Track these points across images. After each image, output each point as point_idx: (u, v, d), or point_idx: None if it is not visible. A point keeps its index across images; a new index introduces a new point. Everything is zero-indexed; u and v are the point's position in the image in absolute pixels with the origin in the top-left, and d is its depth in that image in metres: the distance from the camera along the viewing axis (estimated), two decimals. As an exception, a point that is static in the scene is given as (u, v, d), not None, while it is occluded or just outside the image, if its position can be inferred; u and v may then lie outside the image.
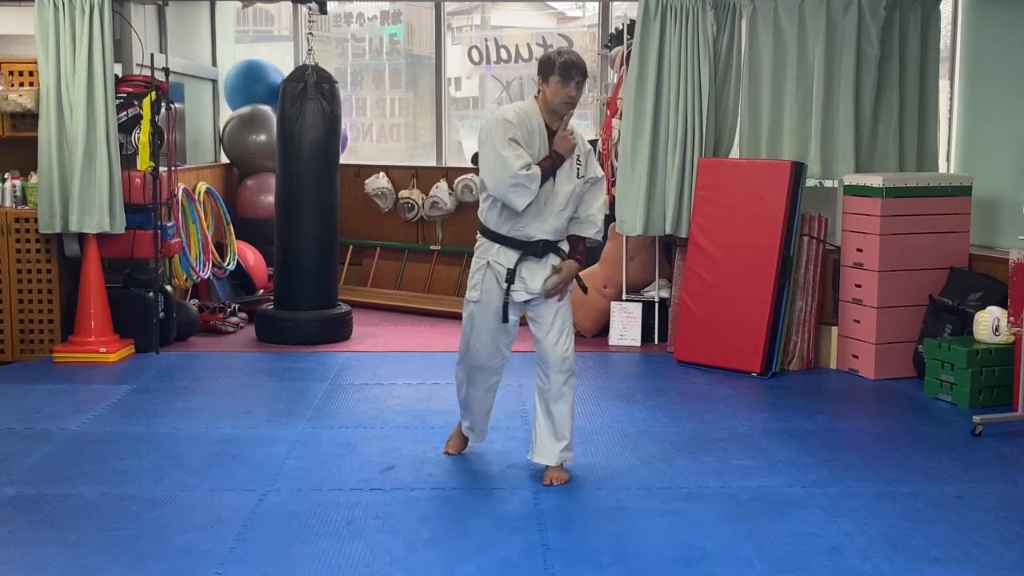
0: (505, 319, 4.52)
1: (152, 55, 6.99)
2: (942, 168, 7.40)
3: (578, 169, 4.50)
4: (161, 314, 7.06)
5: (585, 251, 4.69)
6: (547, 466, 4.63)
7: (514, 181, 4.32)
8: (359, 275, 9.33)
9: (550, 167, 4.42)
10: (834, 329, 6.83)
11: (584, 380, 6.48)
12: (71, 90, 6.75)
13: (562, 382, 4.57)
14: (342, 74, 10.37)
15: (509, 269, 4.48)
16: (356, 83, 10.82)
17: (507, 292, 4.48)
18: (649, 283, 7.60)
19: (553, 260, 4.53)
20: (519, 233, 4.47)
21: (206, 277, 7.82)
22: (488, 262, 4.52)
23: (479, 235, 4.60)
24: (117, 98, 6.89)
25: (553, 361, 4.54)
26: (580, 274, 4.67)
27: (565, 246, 4.59)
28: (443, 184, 9.06)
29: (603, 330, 7.59)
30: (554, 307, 4.54)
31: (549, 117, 4.47)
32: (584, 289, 4.74)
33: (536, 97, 4.50)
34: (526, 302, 4.55)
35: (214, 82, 9.48)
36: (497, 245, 4.51)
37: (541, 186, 4.38)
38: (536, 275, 4.51)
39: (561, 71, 4.37)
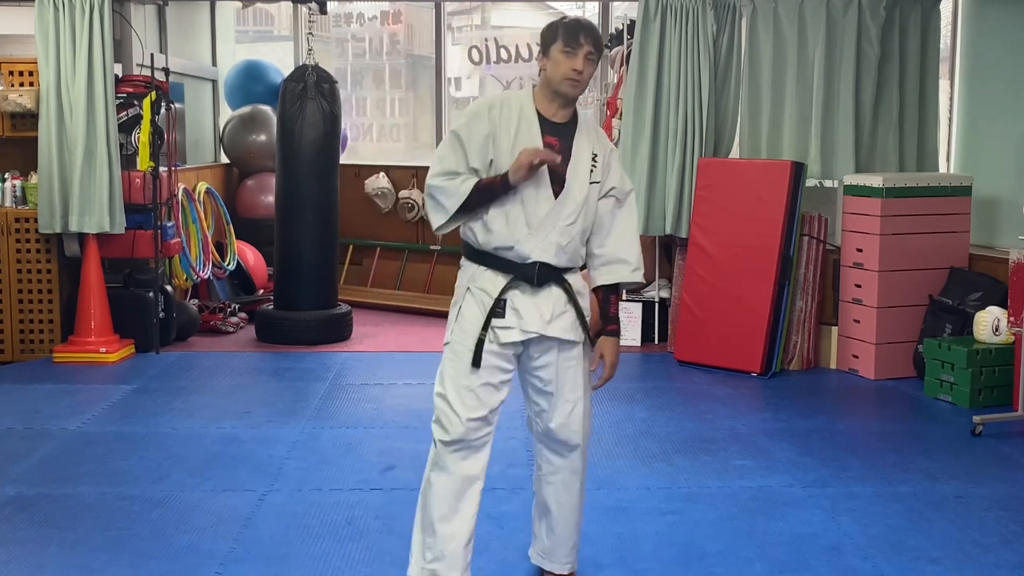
0: (476, 363, 3.30)
1: (152, 55, 6.99)
2: (942, 168, 7.40)
3: (592, 169, 3.34)
4: (161, 314, 7.05)
5: (618, 311, 3.50)
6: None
7: (428, 190, 3.35)
8: (359, 275, 9.33)
9: (489, 190, 3.27)
10: (834, 329, 6.83)
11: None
12: (71, 90, 6.75)
13: (563, 466, 3.56)
14: (342, 74, 10.37)
15: (497, 298, 3.32)
16: (356, 83, 10.82)
17: (485, 327, 3.30)
18: (649, 283, 7.60)
19: (556, 293, 3.35)
20: (509, 252, 3.31)
21: (206, 277, 7.82)
22: (468, 288, 3.38)
23: (462, 258, 3.47)
24: (117, 98, 6.89)
25: (559, 440, 3.50)
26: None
27: (575, 279, 3.41)
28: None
29: (603, 330, 7.59)
30: (567, 367, 3.40)
31: (549, 106, 3.32)
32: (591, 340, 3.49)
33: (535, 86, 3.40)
34: (522, 352, 3.40)
35: (214, 82, 9.48)
36: (481, 267, 3.37)
37: (490, 206, 3.28)
38: (535, 311, 3.32)
39: (566, 35, 3.25)
